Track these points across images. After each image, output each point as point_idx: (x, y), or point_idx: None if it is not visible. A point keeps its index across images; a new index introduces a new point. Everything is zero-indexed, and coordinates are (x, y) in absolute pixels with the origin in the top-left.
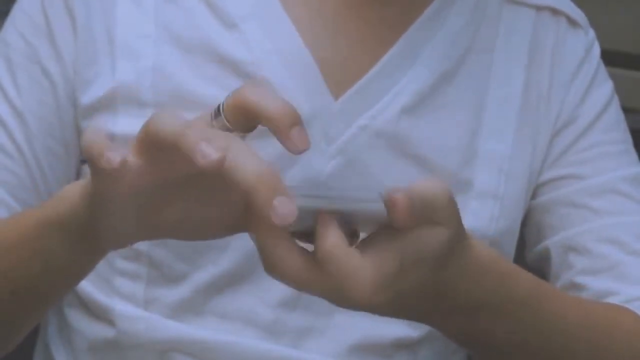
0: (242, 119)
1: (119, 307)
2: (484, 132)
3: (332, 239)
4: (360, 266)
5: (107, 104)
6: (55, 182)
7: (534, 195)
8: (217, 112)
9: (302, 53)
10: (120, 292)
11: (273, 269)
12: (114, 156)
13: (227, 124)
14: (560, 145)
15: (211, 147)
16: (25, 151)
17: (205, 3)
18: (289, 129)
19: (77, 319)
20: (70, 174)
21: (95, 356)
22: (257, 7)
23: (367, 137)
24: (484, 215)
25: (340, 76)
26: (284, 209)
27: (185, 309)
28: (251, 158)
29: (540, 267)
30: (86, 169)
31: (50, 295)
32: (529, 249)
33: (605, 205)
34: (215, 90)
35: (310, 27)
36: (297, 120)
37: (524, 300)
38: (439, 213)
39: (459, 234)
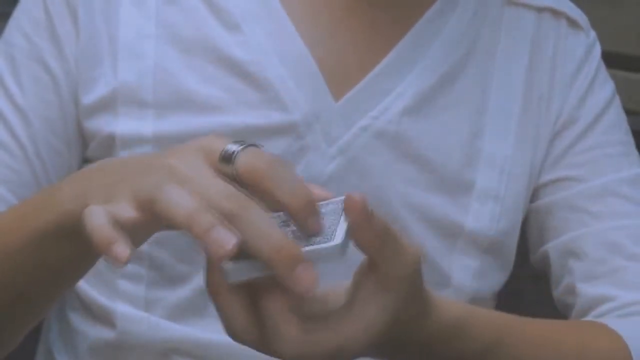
0: (254, 187)
1: (120, 308)
2: (485, 133)
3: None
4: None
5: (108, 104)
6: (57, 179)
7: (534, 198)
8: (228, 159)
9: (303, 54)
10: (122, 293)
11: (227, 331)
12: (122, 251)
13: (235, 176)
14: (560, 147)
15: (225, 234)
16: (28, 149)
17: (207, 4)
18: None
19: (79, 321)
20: (72, 171)
21: (96, 358)
22: (258, 8)
23: (369, 138)
24: (485, 216)
25: (341, 77)
26: (307, 279)
27: (186, 310)
28: (267, 229)
29: (541, 271)
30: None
31: (52, 295)
32: (532, 252)
33: (604, 208)
34: (216, 90)
35: (311, 28)
36: (313, 210)
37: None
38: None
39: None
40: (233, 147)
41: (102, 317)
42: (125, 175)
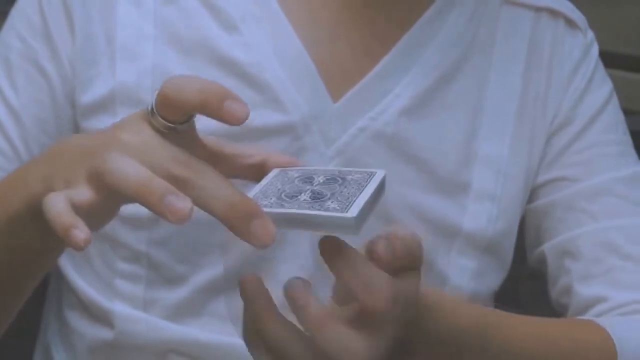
0: (175, 114)
1: (119, 308)
2: (482, 133)
3: (316, 310)
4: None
5: (106, 104)
6: None
7: (532, 198)
8: (152, 112)
9: (301, 55)
10: (120, 293)
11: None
12: (79, 235)
13: (165, 122)
14: (557, 147)
15: (178, 201)
16: (21, 151)
17: (205, 5)
18: (222, 103)
19: (77, 321)
20: None
21: (94, 357)
22: (257, 9)
23: (366, 139)
24: (482, 216)
25: (339, 78)
26: (263, 233)
27: (184, 311)
28: (220, 188)
29: (539, 271)
30: None
31: (24, 284)
32: (529, 252)
33: (600, 208)
34: None
35: (309, 29)
36: (226, 95)
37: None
38: (417, 260)
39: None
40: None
41: (101, 316)
42: (81, 156)
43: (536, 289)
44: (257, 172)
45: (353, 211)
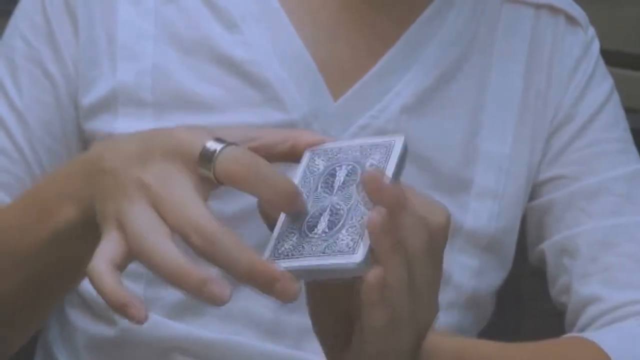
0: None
1: None
2: (483, 131)
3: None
4: None
5: (107, 104)
6: None
7: (533, 196)
8: (207, 159)
9: (302, 54)
10: None
11: None
12: (135, 314)
13: (214, 180)
14: (558, 144)
15: (217, 288)
16: (27, 152)
17: (206, 4)
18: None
19: (79, 318)
20: None
21: (96, 355)
22: (257, 8)
23: None
24: (484, 214)
25: (339, 77)
26: (287, 293)
27: (185, 310)
28: (239, 256)
29: (540, 269)
30: None
31: (64, 287)
32: (530, 250)
33: (599, 207)
34: (215, 89)
35: (310, 28)
36: (295, 202)
37: None
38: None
39: None
40: (213, 146)
41: (103, 314)
42: (114, 190)
43: (538, 287)
44: (291, 156)
45: (359, 253)
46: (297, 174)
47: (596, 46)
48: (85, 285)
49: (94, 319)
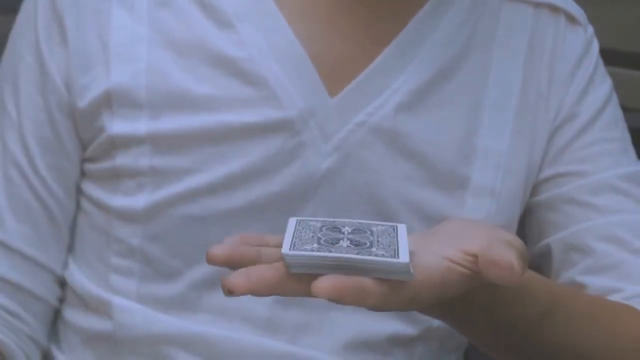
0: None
1: (116, 300)
2: (481, 129)
3: None
4: None
5: (103, 105)
6: (62, 192)
7: (535, 193)
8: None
9: (297, 51)
10: (114, 288)
11: None
12: None
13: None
14: (560, 142)
15: None
16: (30, 175)
17: (199, 4)
18: None
19: (73, 313)
20: (76, 176)
21: (91, 349)
22: (251, 6)
23: (364, 134)
24: (481, 212)
25: (336, 73)
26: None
27: (179, 306)
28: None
29: (539, 264)
30: (87, 167)
31: None
32: (530, 247)
33: (605, 202)
34: (211, 88)
35: (305, 25)
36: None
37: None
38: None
39: None
40: None
41: (98, 308)
42: None
43: None
44: None
45: (404, 257)
46: (287, 234)
47: (596, 45)
48: (80, 280)
49: (89, 314)
